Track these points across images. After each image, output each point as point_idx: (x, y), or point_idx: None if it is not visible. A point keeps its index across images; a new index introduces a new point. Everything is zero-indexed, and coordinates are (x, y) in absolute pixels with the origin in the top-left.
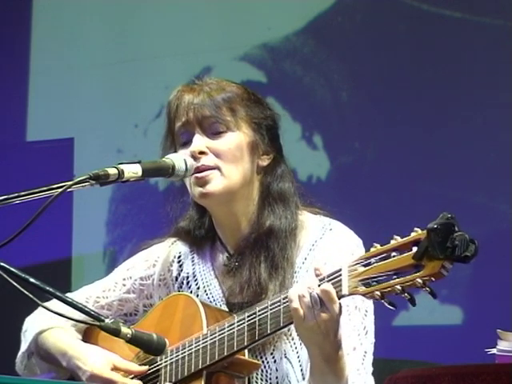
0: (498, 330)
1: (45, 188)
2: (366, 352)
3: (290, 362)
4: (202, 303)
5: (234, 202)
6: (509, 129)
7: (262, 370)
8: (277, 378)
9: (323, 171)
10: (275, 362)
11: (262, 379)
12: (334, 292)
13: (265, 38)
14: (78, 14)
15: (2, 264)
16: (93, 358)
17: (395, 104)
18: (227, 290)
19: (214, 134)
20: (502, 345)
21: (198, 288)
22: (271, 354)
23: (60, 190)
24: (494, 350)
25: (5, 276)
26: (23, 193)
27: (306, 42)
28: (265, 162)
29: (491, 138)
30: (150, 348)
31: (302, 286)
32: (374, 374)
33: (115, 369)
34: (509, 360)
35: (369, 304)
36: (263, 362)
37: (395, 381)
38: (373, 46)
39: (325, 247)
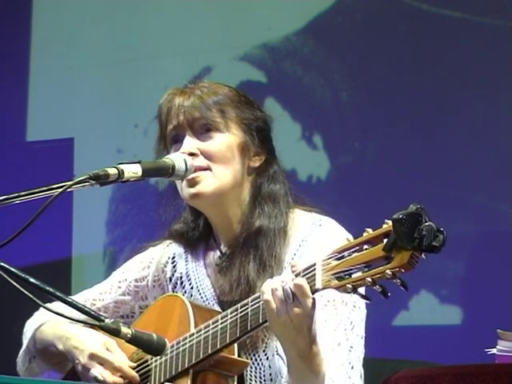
0: (498, 330)
1: (45, 188)
2: (351, 347)
3: (282, 359)
4: (192, 303)
5: (224, 203)
6: (509, 129)
7: (256, 368)
8: (270, 374)
9: (323, 171)
10: (268, 359)
11: (256, 376)
12: (307, 286)
13: (265, 38)
14: (78, 14)
15: (2, 264)
16: (88, 338)
17: (395, 104)
18: (218, 289)
19: (204, 135)
20: (502, 345)
21: (192, 288)
22: (263, 351)
23: (60, 190)
24: (494, 350)
25: (5, 276)
26: (23, 193)
27: (306, 41)
28: (256, 163)
29: (491, 138)
30: (150, 348)
31: (275, 280)
32: (374, 374)
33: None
34: (509, 360)
35: (358, 298)
36: (256, 359)
37: (395, 381)
38: (373, 46)
39: (313, 243)
